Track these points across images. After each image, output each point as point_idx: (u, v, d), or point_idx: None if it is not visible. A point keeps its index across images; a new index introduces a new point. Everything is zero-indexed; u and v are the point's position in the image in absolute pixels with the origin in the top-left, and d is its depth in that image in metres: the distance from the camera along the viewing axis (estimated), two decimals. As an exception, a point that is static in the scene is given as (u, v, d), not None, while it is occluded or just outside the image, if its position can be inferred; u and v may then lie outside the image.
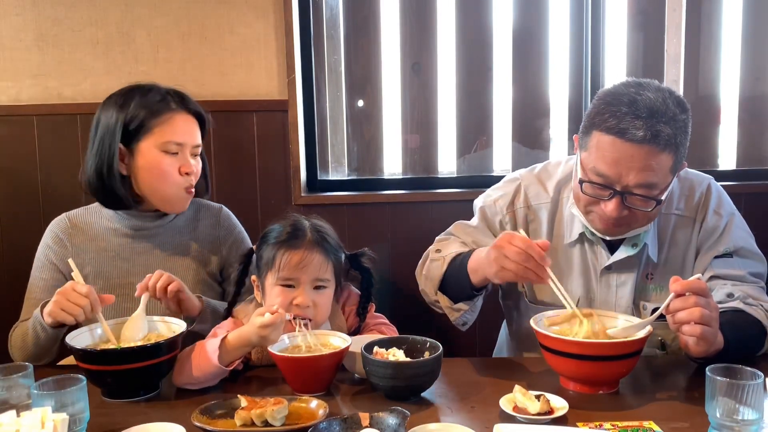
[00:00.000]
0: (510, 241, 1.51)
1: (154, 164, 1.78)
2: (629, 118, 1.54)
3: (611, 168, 1.57)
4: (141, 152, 1.79)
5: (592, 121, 1.62)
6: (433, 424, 1.28)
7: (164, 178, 1.79)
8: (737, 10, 2.70)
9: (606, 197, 1.61)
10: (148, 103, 1.79)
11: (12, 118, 2.61)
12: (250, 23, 2.57)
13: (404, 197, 2.70)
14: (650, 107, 1.55)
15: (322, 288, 1.66)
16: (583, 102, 2.73)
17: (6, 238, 2.67)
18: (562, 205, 1.82)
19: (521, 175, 1.91)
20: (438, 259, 1.80)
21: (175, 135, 1.79)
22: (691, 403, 1.41)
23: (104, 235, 1.87)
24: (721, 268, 1.72)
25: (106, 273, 1.85)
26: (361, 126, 2.81)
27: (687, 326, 1.41)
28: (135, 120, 1.77)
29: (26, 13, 2.57)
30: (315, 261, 1.64)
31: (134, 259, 1.86)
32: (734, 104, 2.76)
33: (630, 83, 1.63)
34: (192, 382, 1.54)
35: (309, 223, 1.70)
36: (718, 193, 1.80)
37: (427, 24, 2.73)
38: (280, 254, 1.63)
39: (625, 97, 1.57)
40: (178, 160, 1.80)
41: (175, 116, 1.80)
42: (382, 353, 1.49)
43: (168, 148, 1.79)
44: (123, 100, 1.80)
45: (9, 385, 1.36)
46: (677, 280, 1.43)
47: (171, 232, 1.91)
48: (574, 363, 1.45)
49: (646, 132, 1.53)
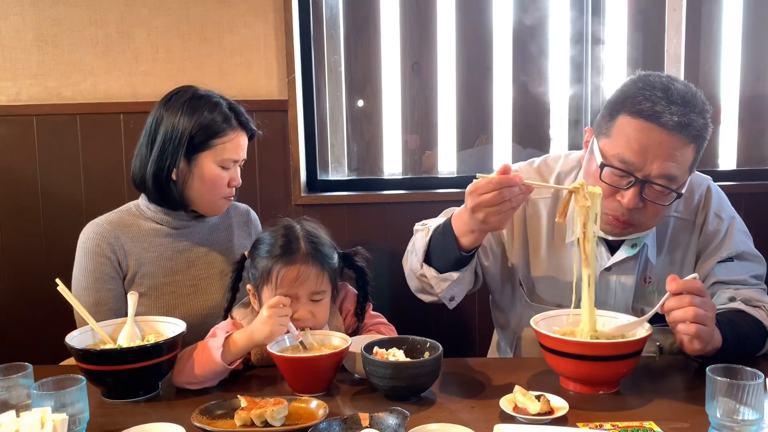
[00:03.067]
0: (477, 192, 1.43)
1: (210, 177, 1.84)
2: (664, 102, 1.52)
3: (637, 154, 1.54)
4: (199, 164, 1.83)
5: (622, 104, 1.57)
6: (433, 424, 1.28)
7: (216, 190, 1.86)
8: (737, 10, 2.70)
9: (624, 186, 1.57)
10: (215, 121, 1.83)
11: (12, 118, 2.61)
12: (250, 23, 2.57)
13: (404, 197, 2.70)
14: (684, 96, 1.54)
15: (319, 299, 1.65)
16: (583, 102, 2.73)
17: (6, 238, 2.67)
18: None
19: (520, 168, 1.86)
20: (422, 230, 1.72)
21: (234, 153, 1.86)
22: (691, 403, 1.40)
23: (145, 236, 1.88)
24: (723, 274, 1.70)
25: (151, 273, 1.87)
26: (361, 126, 2.81)
27: (682, 325, 1.41)
28: (200, 134, 1.81)
29: (26, 13, 2.57)
30: (311, 275, 1.62)
31: (176, 258, 1.90)
32: (734, 104, 2.76)
33: (659, 73, 1.61)
34: (192, 381, 1.54)
35: (302, 232, 1.67)
36: (718, 195, 1.78)
37: (427, 24, 2.73)
38: (276, 270, 1.61)
39: (659, 84, 1.56)
40: (229, 173, 1.87)
41: (238, 136, 1.87)
42: (382, 353, 1.49)
43: (226, 165, 1.85)
44: (191, 109, 1.82)
45: (9, 385, 1.36)
46: (674, 279, 1.43)
47: (208, 229, 1.96)
48: (574, 363, 1.45)
49: (681, 119, 1.51)
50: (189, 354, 1.56)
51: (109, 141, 2.61)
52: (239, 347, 1.56)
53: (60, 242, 2.64)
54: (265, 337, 1.53)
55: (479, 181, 1.44)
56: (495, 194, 1.41)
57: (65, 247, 2.62)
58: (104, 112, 2.59)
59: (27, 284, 2.66)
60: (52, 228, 2.67)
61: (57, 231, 2.65)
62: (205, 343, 1.56)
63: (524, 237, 1.81)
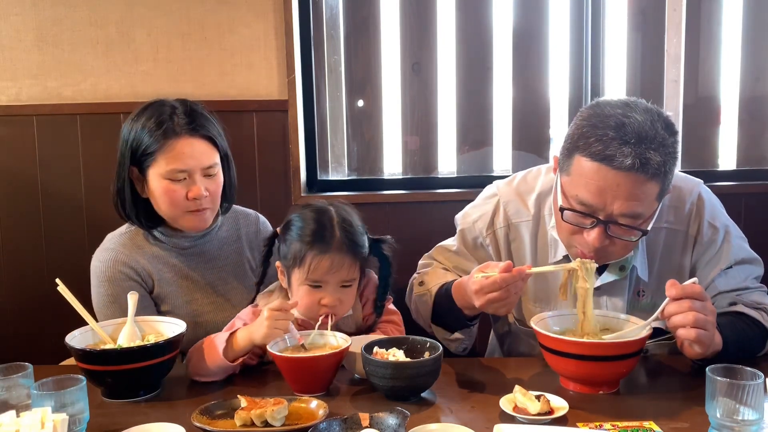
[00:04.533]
0: (483, 292, 1.46)
1: (162, 192, 1.73)
2: (616, 143, 1.44)
3: (595, 196, 1.48)
4: (150, 179, 1.75)
5: (575, 144, 1.50)
6: (433, 424, 1.28)
7: (174, 205, 1.75)
8: (737, 10, 2.70)
9: (588, 225, 1.52)
10: (151, 129, 1.72)
11: (12, 118, 2.61)
12: (250, 23, 2.57)
13: (404, 197, 2.70)
14: (639, 132, 1.44)
15: (349, 285, 1.65)
16: (583, 102, 2.72)
17: (6, 238, 2.67)
18: (544, 223, 1.74)
19: (499, 189, 1.82)
20: (424, 293, 1.77)
21: (178, 163, 1.72)
22: (691, 403, 1.40)
23: (159, 257, 1.82)
24: (724, 285, 1.67)
25: (171, 294, 1.82)
26: (361, 126, 2.81)
27: (682, 330, 1.40)
28: (140, 146, 1.73)
29: (26, 13, 2.57)
30: (345, 264, 1.61)
31: (192, 276, 1.84)
32: (734, 104, 2.76)
33: (616, 103, 1.52)
34: (201, 374, 1.57)
35: (337, 218, 1.64)
36: (710, 202, 1.72)
37: (427, 24, 2.73)
38: (310, 257, 1.60)
39: (612, 120, 1.47)
40: (186, 185, 1.73)
41: (179, 143, 1.72)
42: (382, 353, 1.49)
43: (174, 177, 1.72)
44: (136, 120, 1.76)
45: (9, 385, 1.36)
46: (674, 284, 1.41)
47: (218, 243, 1.90)
48: (574, 363, 1.45)
49: (634, 160, 1.42)
50: (200, 346, 1.59)
51: (109, 141, 2.57)
52: (240, 346, 1.57)
53: (60, 242, 2.65)
54: (262, 338, 1.53)
55: (485, 282, 1.46)
56: (501, 292, 1.45)
57: (65, 247, 2.64)
58: (104, 112, 2.58)
59: (27, 284, 2.66)
60: (52, 228, 2.67)
61: (57, 231, 2.65)
62: (213, 338, 1.59)
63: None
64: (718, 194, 1.79)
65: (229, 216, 1.94)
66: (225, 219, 1.93)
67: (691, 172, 2.10)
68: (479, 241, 1.80)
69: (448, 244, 1.89)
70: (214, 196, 1.79)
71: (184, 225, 1.80)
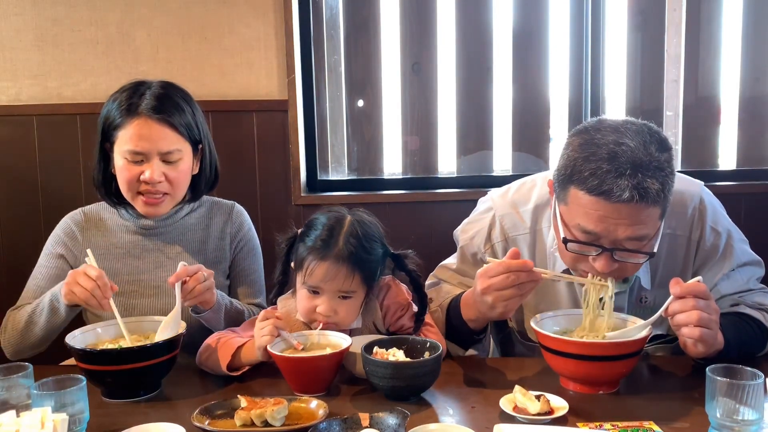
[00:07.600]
0: (487, 275, 1.46)
1: (119, 169, 1.76)
2: (612, 177, 1.40)
3: (598, 224, 1.45)
4: (114, 155, 1.78)
5: (569, 176, 1.47)
6: (433, 424, 1.28)
7: (126, 185, 1.76)
8: (737, 10, 2.71)
9: (594, 254, 1.49)
10: (121, 104, 1.74)
11: (12, 118, 2.61)
12: (250, 23, 2.57)
13: (404, 197, 2.70)
14: (633, 160, 1.40)
15: (347, 297, 1.63)
16: (583, 102, 2.73)
17: (6, 238, 2.67)
18: (542, 236, 1.72)
19: (494, 201, 1.80)
20: (435, 311, 1.76)
21: (132, 143, 1.71)
22: (691, 403, 1.40)
23: (116, 231, 1.86)
24: (727, 288, 1.67)
25: (115, 269, 1.83)
26: (361, 126, 2.81)
27: (686, 328, 1.40)
28: (108, 120, 1.77)
29: (26, 13, 2.57)
30: (340, 275, 1.59)
31: (144, 257, 1.85)
32: (734, 104, 2.77)
33: (606, 128, 1.47)
34: (207, 368, 1.62)
35: (347, 228, 1.62)
36: (712, 206, 1.70)
37: (427, 24, 2.73)
38: (308, 261, 1.59)
39: (604, 150, 1.43)
40: (139, 167, 1.73)
41: (137, 123, 1.71)
42: (382, 353, 1.49)
43: (129, 157, 1.73)
44: (116, 94, 1.79)
45: (9, 385, 1.35)
46: (678, 282, 1.41)
47: (182, 230, 1.89)
48: (574, 363, 1.45)
49: (632, 192, 1.39)
50: (214, 345, 1.61)
51: (109, 141, 2.61)
52: (248, 357, 1.58)
53: (60, 242, 2.64)
54: (255, 349, 1.55)
55: (489, 264, 1.47)
56: (504, 277, 1.45)
57: (65, 247, 2.63)
58: (104, 112, 2.58)
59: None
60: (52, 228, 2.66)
61: (57, 231, 2.65)
62: (230, 339, 1.61)
63: None
64: (718, 194, 1.78)
65: (204, 205, 1.93)
66: (200, 208, 1.92)
67: (691, 172, 2.10)
68: (479, 257, 1.80)
69: (448, 263, 1.88)
70: (174, 183, 1.78)
71: (138, 208, 1.81)
